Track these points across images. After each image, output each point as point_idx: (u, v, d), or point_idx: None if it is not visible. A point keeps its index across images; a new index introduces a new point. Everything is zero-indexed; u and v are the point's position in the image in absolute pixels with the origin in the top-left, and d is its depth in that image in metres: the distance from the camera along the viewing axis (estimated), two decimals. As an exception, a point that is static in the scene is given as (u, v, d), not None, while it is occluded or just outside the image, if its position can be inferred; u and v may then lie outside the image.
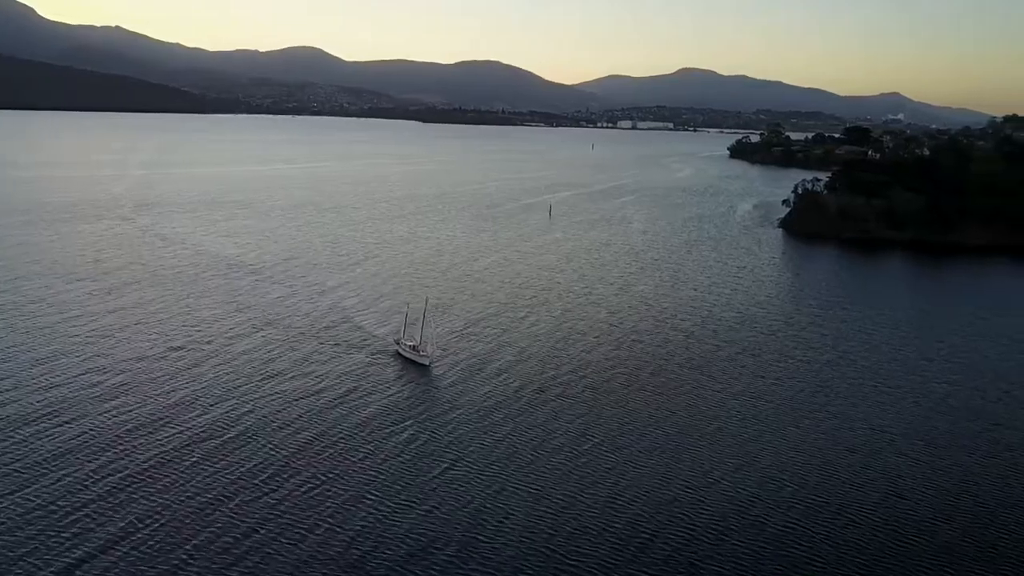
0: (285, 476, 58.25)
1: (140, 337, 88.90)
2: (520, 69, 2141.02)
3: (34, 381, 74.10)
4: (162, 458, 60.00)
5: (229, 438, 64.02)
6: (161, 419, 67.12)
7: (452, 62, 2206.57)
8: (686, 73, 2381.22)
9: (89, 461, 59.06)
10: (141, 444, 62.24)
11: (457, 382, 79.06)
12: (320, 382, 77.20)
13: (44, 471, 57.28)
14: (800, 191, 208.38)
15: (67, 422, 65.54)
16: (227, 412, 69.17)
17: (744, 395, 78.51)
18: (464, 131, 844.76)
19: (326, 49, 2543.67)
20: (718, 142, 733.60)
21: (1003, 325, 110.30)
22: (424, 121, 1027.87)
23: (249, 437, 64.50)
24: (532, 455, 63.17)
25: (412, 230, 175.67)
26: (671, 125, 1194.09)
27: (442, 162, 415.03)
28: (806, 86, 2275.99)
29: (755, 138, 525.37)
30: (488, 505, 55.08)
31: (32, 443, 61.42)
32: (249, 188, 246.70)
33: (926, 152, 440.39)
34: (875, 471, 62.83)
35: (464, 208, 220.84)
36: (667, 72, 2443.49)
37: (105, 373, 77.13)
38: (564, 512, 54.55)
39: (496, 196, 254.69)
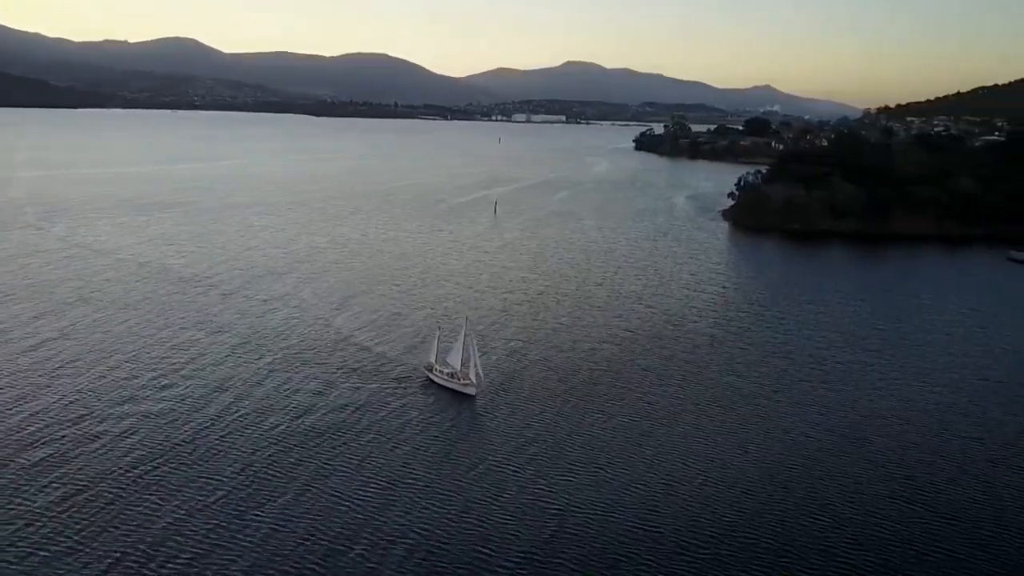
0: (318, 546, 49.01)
1: (111, 369, 77.25)
2: (407, 62, 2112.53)
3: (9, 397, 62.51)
4: (177, 523, 50.89)
5: (246, 501, 53.60)
6: (158, 480, 57.42)
7: (336, 54, 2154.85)
8: (571, 66, 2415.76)
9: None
10: (133, 508, 52.75)
11: (512, 415, 69.80)
12: (348, 422, 66.77)
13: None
14: (743, 184, 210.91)
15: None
16: (238, 464, 58.53)
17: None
18: (361, 125, 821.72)
19: (202, 40, 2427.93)
20: (617, 135, 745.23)
21: (942, 313, 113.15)
22: (315, 115, 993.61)
23: (269, 503, 54.32)
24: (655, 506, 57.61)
25: (365, 232, 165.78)
26: (564, 118, 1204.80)
27: (360, 158, 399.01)
28: (685, 79, 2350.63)
29: (659, 130, 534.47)
30: None
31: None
32: (165, 189, 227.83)
33: (825, 143, 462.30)
34: (824, 464, 62.06)
35: (407, 206, 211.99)
36: (553, 65, 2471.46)
37: (87, 420, 66.02)
38: None
39: (434, 193, 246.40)
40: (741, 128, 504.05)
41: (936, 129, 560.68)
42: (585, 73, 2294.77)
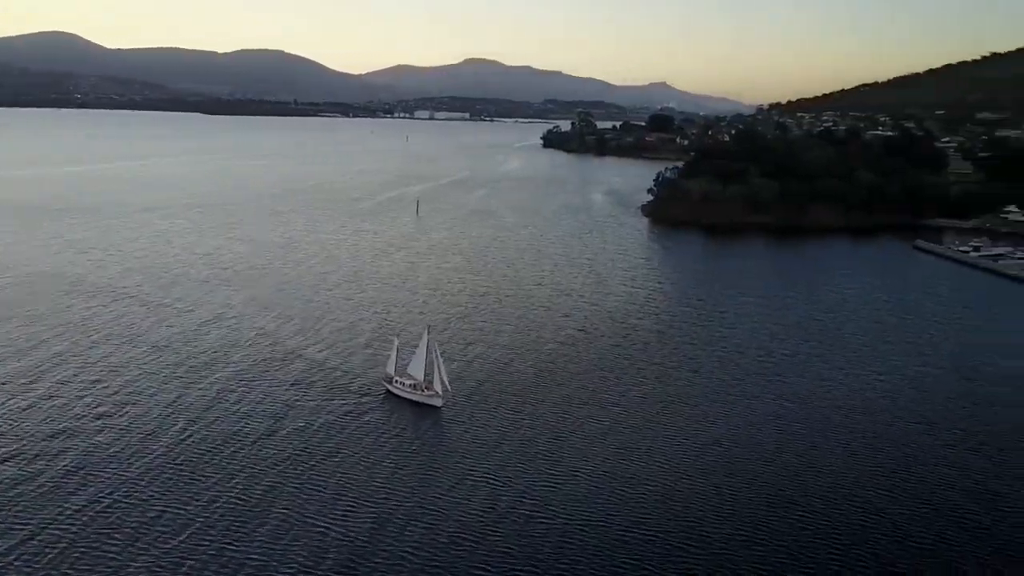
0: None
1: (40, 399, 70.84)
2: (305, 59, 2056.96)
3: None
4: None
5: (216, 540, 49.80)
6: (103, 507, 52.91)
7: (229, 50, 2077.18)
8: (472, 64, 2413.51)
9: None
10: (92, 554, 48.38)
11: (478, 424, 67.16)
12: (311, 443, 62.54)
13: None
14: (661, 180, 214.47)
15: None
16: (201, 499, 54.09)
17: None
18: (262, 123, 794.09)
19: (82, 35, 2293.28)
20: (523, 132, 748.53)
21: (867, 302, 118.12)
22: (211, 113, 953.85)
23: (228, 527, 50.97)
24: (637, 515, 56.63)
25: (287, 234, 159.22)
26: (467, 116, 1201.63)
27: (266, 156, 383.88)
28: (585, 76, 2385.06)
29: (565, 128, 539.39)
30: None
31: None
32: (81, 191, 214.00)
33: (726, 138, 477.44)
34: (789, 455, 63.34)
35: (325, 205, 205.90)
36: (453, 63, 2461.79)
37: (18, 460, 60.10)
38: None
39: (350, 191, 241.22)
40: (644, 124, 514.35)
41: (825, 124, 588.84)
42: (486, 71, 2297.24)
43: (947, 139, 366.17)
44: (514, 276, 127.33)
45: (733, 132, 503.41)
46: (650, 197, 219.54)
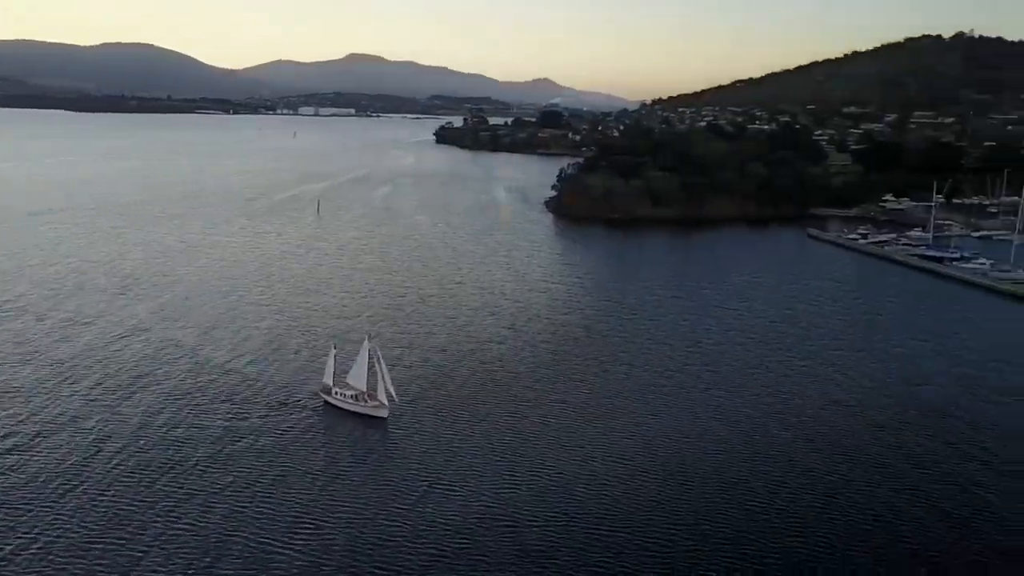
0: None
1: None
2: (177, 53, 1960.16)
3: None
4: None
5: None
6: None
7: (95, 43, 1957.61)
8: (355, 59, 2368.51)
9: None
10: None
11: (431, 435, 64.15)
12: (251, 467, 58.00)
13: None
14: (564, 176, 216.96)
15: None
16: (132, 537, 50.36)
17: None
18: (138, 121, 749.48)
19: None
20: (414, 129, 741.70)
21: (776, 291, 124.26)
22: (79, 111, 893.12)
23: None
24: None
25: (184, 237, 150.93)
26: (353, 112, 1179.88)
27: (148, 156, 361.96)
28: (469, 72, 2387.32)
29: (458, 123, 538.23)
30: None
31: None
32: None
33: (615, 133, 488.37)
34: (738, 447, 66.34)
35: (221, 206, 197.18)
36: (335, 58, 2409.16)
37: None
38: None
39: (245, 191, 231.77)
40: (535, 121, 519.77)
41: (706, 119, 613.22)
42: (370, 66, 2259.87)
43: (819, 132, 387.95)
44: (433, 276, 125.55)
45: (621, 128, 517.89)
46: (553, 193, 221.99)
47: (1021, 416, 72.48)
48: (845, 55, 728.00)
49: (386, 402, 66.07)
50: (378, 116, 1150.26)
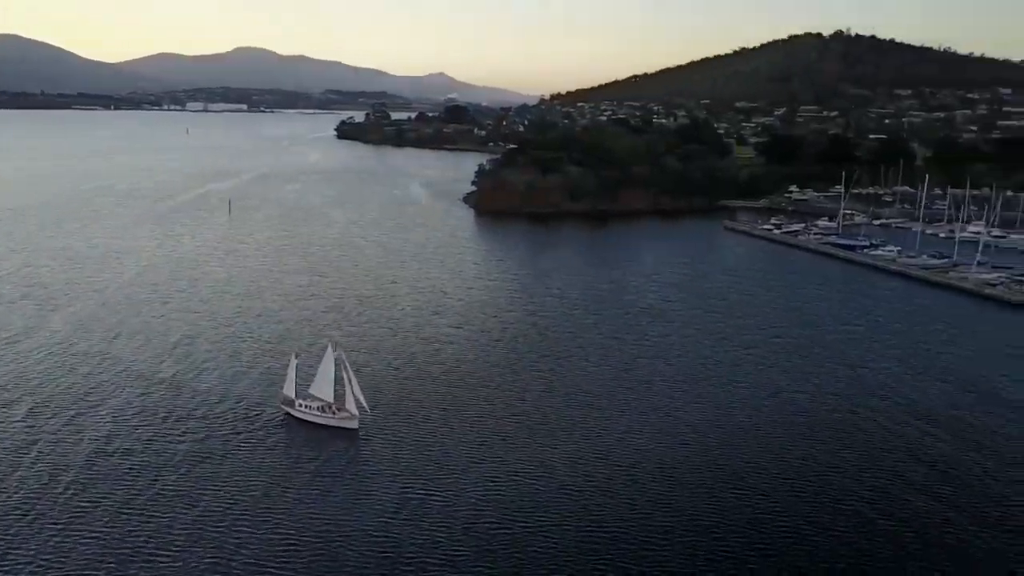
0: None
1: None
2: (48, 45, 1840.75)
3: None
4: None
5: None
6: None
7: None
8: (243, 52, 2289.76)
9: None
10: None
11: (405, 444, 61.65)
12: (219, 489, 55.60)
13: None
14: (482, 171, 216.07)
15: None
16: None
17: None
18: (7, 118, 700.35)
19: None
20: (312, 124, 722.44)
21: (707, 279, 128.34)
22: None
23: None
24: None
25: (91, 241, 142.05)
26: (245, 107, 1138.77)
27: (36, 156, 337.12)
28: (363, 66, 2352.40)
29: (359, 119, 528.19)
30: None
31: None
32: None
33: (520, 128, 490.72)
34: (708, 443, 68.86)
35: (124, 207, 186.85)
36: (222, 51, 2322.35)
37: None
38: None
39: (147, 192, 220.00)
40: (440, 115, 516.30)
41: (606, 113, 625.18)
42: (259, 60, 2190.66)
43: (716, 126, 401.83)
44: (368, 276, 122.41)
45: (525, 123, 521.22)
46: (469, 188, 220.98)
47: (949, 394, 76.74)
48: (734, 52, 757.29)
49: (356, 412, 63.07)
50: (271, 111, 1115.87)
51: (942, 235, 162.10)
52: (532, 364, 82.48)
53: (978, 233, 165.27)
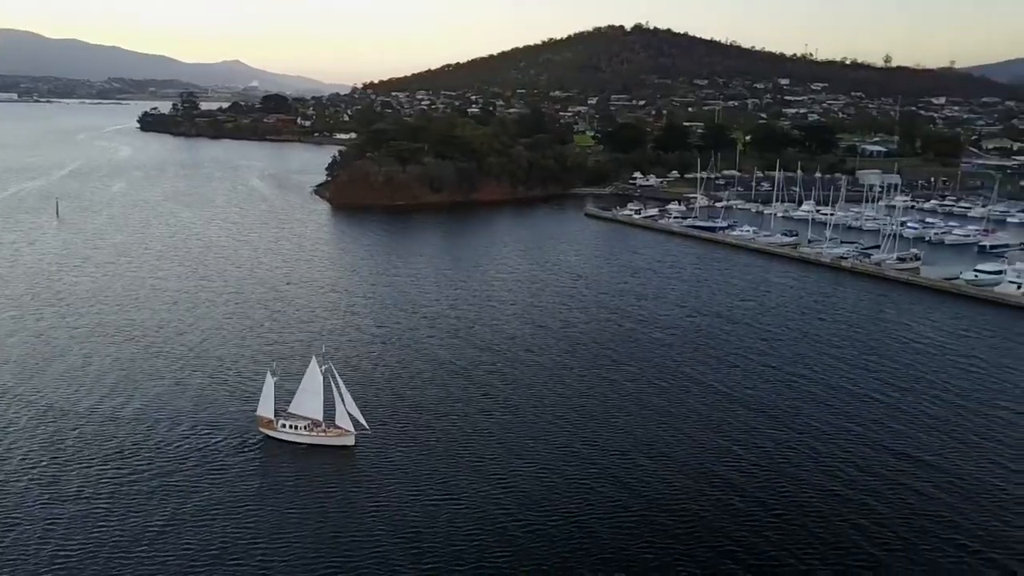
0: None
1: None
2: None
3: None
4: None
5: None
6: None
7: None
8: (4, 36, 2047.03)
9: None
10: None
11: (410, 459, 57.69)
12: (210, 528, 50.70)
13: None
14: (338, 162, 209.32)
15: None
16: None
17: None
18: None
19: None
20: (103, 114, 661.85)
21: (588, 264, 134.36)
22: None
23: None
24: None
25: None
26: (16, 96, 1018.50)
27: None
28: (147, 52, 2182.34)
29: (164, 109, 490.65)
30: None
31: None
32: None
33: (346, 118, 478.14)
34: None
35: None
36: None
37: None
38: None
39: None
40: (258, 106, 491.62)
41: (423, 103, 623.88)
42: (25, 44, 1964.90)
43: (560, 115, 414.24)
44: (251, 276, 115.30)
45: (350, 113, 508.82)
46: (314, 180, 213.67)
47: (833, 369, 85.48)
48: (543, 42, 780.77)
49: (351, 428, 58.96)
50: (47, 101, 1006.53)
51: (779, 214, 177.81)
52: (488, 359, 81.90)
53: (809, 212, 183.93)
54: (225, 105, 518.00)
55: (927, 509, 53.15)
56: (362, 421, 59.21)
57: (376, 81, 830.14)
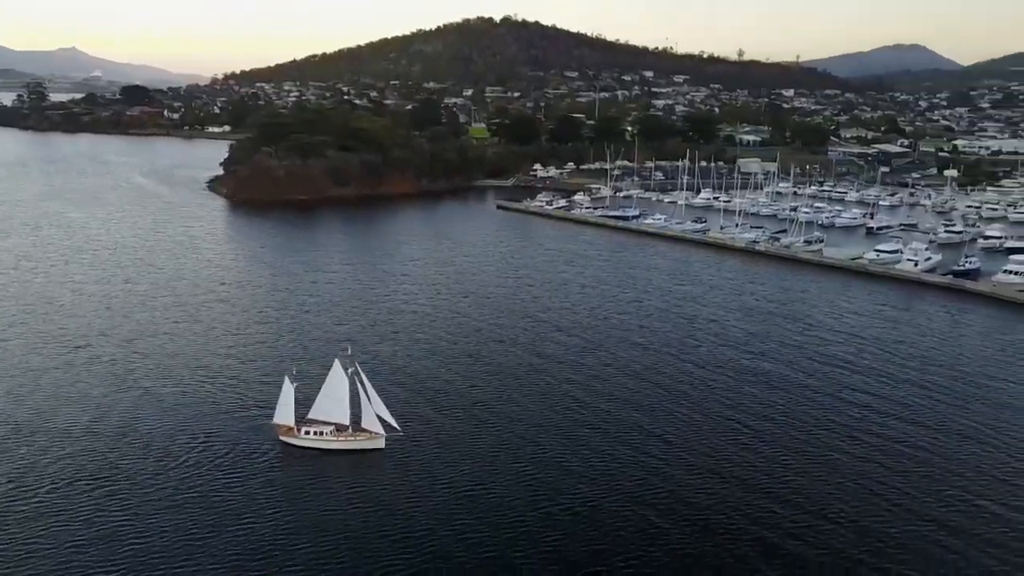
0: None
1: None
2: None
3: None
4: None
5: None
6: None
7: None
8: None
9: None
10: None
11: (442, 459, 56.66)
12: (227, 556, 49.07)
13: None
14: (235, 157, 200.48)
15: None
16: None
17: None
18: None
19: None
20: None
21: (519, 256, 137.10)
22: None
23: None
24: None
25: None
26: None
27: None
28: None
29: (6, 101, 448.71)
30: None
31: None
32: None
33: (217, 110, 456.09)
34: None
35: None
36: None
37: None
38: None
39: None
40: (119, 97, 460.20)
41: (292, 95, 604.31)
42: None
43: (409, 106, 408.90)
44: (179, 278, 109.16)
45: (220, 105, 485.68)
46: (203, 176, 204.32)
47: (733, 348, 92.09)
48: (413, 33, 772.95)
49: (381, 431, 57.48)
50: None
51: (681, 202, 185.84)
52: (477, 350, 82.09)
53: (708, 200, 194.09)
54: (78, 96, 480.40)
55: (866, 474, 58.63)
56: (393, 423, 57.93)
57: (238, 72, 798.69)
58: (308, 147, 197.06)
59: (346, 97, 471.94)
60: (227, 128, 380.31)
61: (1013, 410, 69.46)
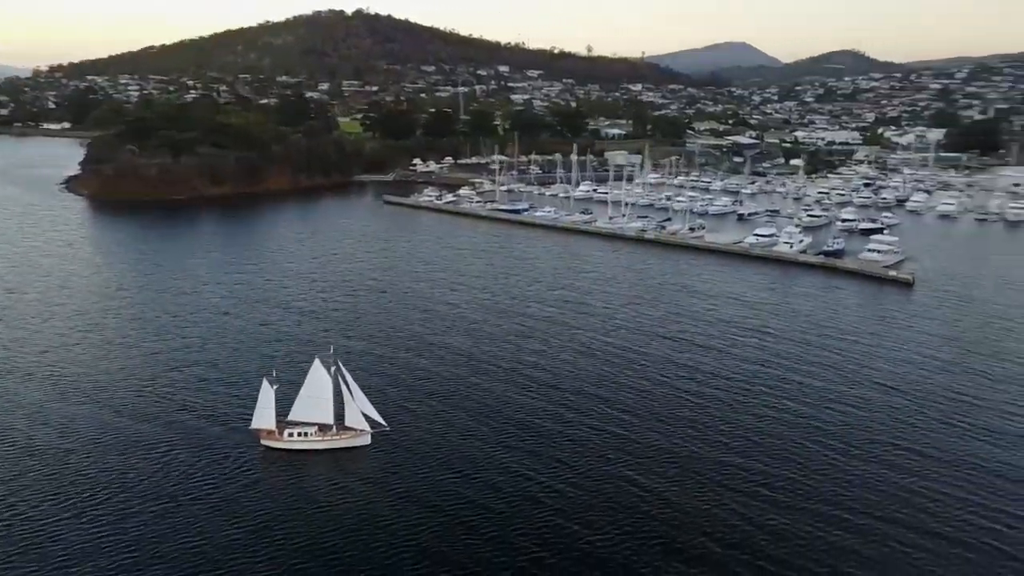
0: None
1: None
2: None
3: None
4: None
5: None
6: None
7: None
8: None
9: None
10: None
11: (426, 451, 56.77)
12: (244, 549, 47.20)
13: None
14: (94, 157, 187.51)
15: None
16: None
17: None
18: None
19: None
20: None
21: (426, 248, 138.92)
22: None
23: None
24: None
25: None
26: None
27: None
28: None
29: None
30: None
31: None
32: None
33: (52, 105, 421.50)
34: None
35: None
36: None
37: None
38: None
39: None
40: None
41: (130, 88, 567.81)
42: None
43: (264, 100, 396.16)
44: (68, 285, 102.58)
45: (54, 101, 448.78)
46: (48, 175, 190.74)
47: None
48: (260, 25, 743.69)
49: (366, 427, 57.21)
50: None
51: (562, 195, 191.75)
52: (449, 342, 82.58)
53: (588, 191, 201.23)
54: None
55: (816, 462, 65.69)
56: (378, 419, 57.80)
57: (65, 64, 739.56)
58: (179, 144, 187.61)
59: (198, 91, 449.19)
60: (66, 125, 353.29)
61: (911, 365, 78.68)
